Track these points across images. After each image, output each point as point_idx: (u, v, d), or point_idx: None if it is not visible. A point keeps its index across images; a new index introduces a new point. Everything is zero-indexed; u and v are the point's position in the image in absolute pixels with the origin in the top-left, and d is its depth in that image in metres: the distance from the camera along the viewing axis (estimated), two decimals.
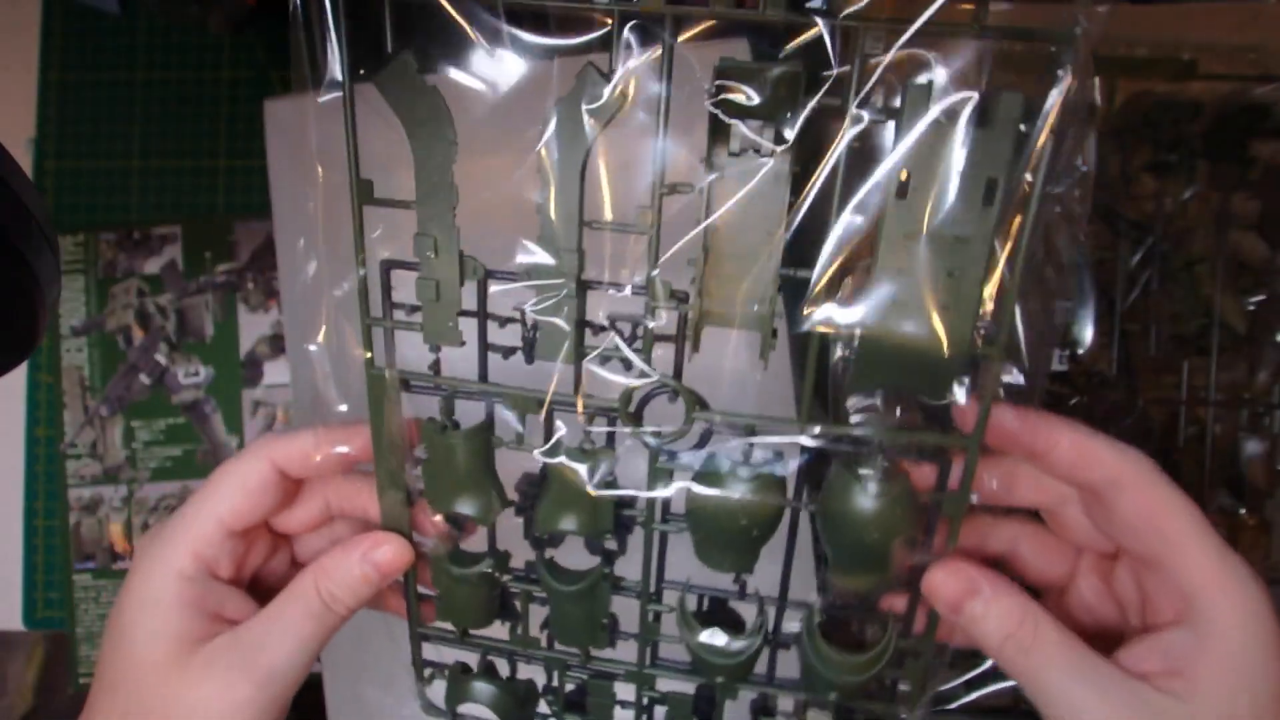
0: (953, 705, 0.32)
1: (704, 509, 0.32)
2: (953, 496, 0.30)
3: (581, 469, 0.33)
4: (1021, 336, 0.29)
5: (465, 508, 0.34)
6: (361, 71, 0.30)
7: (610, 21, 0.28)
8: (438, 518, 0.35)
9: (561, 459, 0.32)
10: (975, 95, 0.26)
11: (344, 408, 0.35)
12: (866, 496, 0.30)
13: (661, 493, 0.32)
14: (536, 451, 0.33)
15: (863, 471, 0.30)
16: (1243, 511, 0.47)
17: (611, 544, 0.35)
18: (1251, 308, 0.47)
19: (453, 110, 0.30)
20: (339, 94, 0.30)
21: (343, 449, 0.33)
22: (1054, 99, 0.26)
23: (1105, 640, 0.30)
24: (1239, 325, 0.47)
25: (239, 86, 0.57)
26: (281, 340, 0.55)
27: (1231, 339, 0.47)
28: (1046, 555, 0.33)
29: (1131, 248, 0.47)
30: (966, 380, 0.29)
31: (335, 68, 0.30)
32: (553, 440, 0.33)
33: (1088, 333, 0.47)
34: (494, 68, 0.30)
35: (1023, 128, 0.26)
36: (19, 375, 0.57)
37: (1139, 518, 0.29)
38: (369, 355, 0.33)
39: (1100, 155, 0.47)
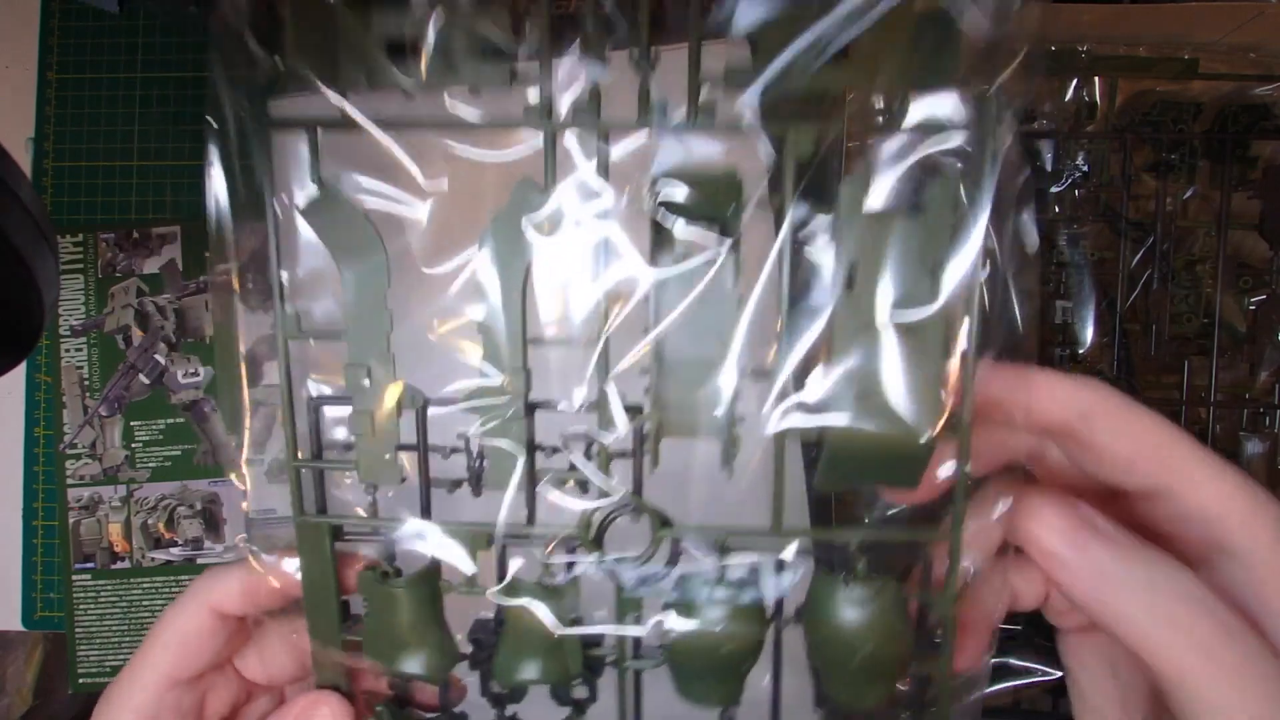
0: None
1: (682, 640, 0.30)
2: (941, 595, 0.29)
3: (544, 608, 0.30)
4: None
5: (412, 666, 0.31)
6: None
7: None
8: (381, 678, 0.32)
9: (523, 600, 0.30)
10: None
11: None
12: (852, 604, 0.29)
13: (632, 629, 0.30)
14: (490, 592, 0.30)
15: (845, 578, 0.29)
16: None
17: (581, 691, 0.32)
18: (1252, 308, 0.47)
19: (386, 221, 0.29)
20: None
21: (274, 584, 0.31)
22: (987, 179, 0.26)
23: None
24: (1239, 325, 0.47)
25: None
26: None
27: (1232, 339, 0.47)
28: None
29: (1132, 248, 0.47)
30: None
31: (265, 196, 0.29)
32: (507, 579, 0.30)
33: (1088, 333, 0.47)
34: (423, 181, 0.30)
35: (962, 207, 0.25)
36: (18, 375, 0.57)
37: (1123, 443, 0.26)
38: (297, 502, 0.31)
39: (1100, 155, 0.47)
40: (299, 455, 0.31)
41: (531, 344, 0.29)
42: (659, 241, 0.28)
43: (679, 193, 0.28)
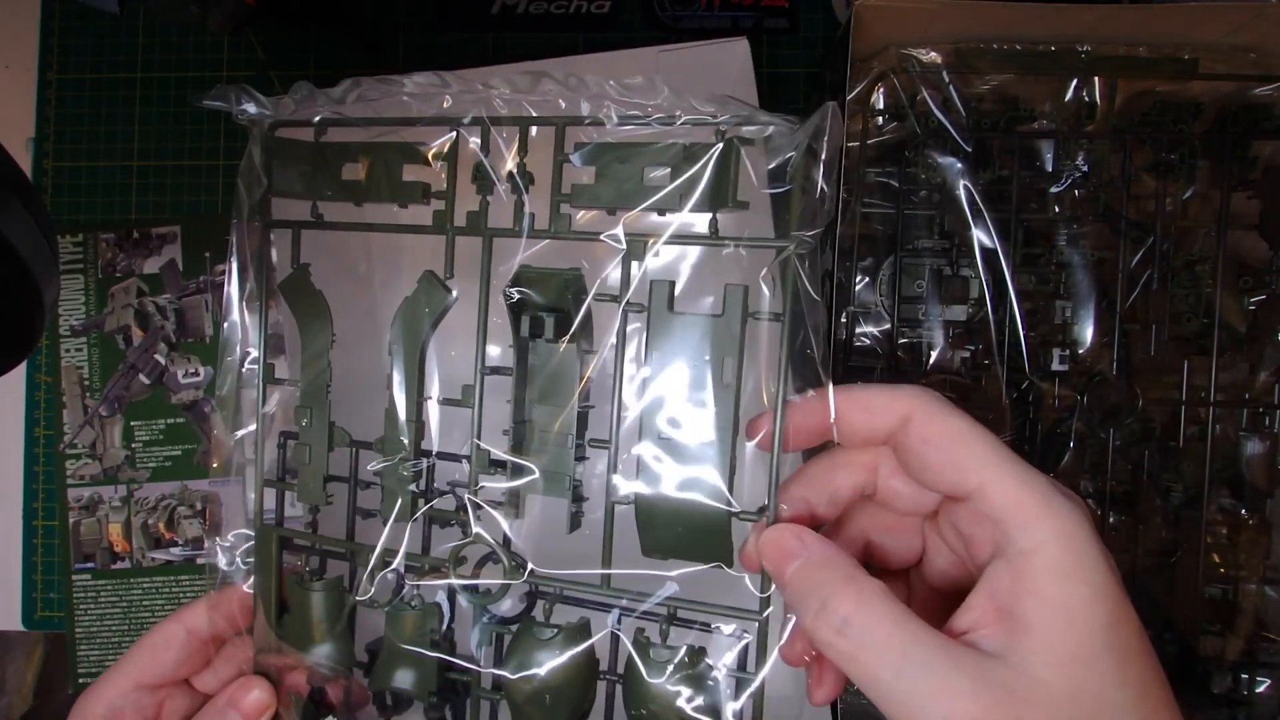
0: None
1: (516, 683, 0.33)
2: (747, 678, 0.30)
3: (396, 621, 0.35)
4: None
5: (318, 655, 0.37)
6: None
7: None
8: (300, 675, 0.38)
9: (383, 611, 0.35)
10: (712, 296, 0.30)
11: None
12: (657, 666, 0.31)
13: (487, 668, 0.34)
14: (355, 597, 0.36)
15: (652, 644, 0.31)
16: (1243, 511, 0.47)
17: (447, 713, 0.36)
18: (1251, 308, 0.47)
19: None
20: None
21: (231, 607, 0.38)
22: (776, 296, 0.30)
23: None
24: (1239, 325, 0.47)
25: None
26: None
27: (1232, 339, 0.47)
28: (895, 533, 0.31)
29: (1131, 248, 0.47)
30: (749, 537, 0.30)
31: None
32: (372, 590, 0.35)
33: (1088, 333, 0.47)
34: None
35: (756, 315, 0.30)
36: (19, 375, 0.57)
37: (930, 449, 0.27)
38: (259, 513, 0.38)
39: (1100, 155, 0.47)
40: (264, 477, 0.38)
41: (427, 401, 0.35)
42: (517, 324, 0.34)
43: (531, 288, 0.34)
